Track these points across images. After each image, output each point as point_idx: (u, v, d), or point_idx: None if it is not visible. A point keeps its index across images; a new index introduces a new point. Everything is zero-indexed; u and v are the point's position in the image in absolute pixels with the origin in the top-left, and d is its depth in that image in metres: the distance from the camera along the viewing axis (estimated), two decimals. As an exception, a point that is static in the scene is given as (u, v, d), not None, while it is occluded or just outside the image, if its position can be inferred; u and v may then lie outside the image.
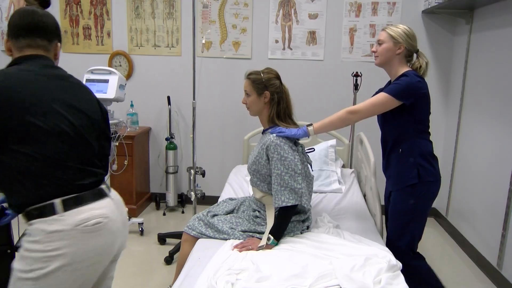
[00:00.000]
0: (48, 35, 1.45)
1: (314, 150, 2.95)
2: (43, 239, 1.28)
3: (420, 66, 2.07)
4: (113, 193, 1.52)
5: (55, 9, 3.97)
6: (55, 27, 1.49)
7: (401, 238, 2.13)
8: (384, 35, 2.07)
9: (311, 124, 2.07)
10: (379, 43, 2.09)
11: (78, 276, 1.35)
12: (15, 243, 1.61)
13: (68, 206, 1.32)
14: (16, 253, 1.36)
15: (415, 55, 2.10)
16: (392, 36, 2.04)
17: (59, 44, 1.51)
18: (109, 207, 1.43)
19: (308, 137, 2.09)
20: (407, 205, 2.08)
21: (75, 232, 1.31)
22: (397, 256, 1.84)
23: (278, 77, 2.09)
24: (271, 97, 2.05)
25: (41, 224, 1.29)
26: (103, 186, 1.45)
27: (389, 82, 2.20)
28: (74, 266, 1.33)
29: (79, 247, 1.32)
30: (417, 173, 2.03)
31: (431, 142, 2.12)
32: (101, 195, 1.42)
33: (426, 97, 2.04)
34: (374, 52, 2.12)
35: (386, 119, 2.13)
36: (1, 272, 1.59)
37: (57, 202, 1.30)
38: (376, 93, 2.29)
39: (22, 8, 1.46)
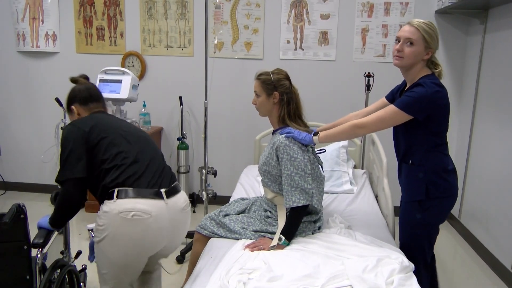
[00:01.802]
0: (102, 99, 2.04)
1: (325, 151, 2.94)
2: (100, 215, 1.72)
3: (437, 68, 1.88)
4: (174, 200, 1.80)
5: (69, 10, 4.03)
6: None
7: (412, 248, 2.03)
8: (417, 35, 1.80)
9: (317, 133, 2.02)
10: (409, 42, 1.81)
11: (116, 250, 1.71)
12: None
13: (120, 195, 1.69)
14: None
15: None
16: (426, 39, 1.80)
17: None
18: (157, 208, 1.70)
19: (314, 145, 2.05)
20: (415, 219, 1.95)
21: (119, 217, 1.66)
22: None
23: (287, 77, 2.09)
24: (280, 98, 2.05)
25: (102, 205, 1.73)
26: (162, 190, 1.75)
27: (404, 82, 2.07)
28: (116, 242, 1.69)
29: (117, 229, 1.67)
30: (425, 189, 1.88)
31: (447, 155, 1.94)
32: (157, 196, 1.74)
33: (445, 107, 1.84)
34: (399, 51, 1.84)
35: (397, 128, 2.00)
36: (19, 268, 1.63)
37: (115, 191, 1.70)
38: (391, 91, 2.17)
39: (84, 84, 2.02)
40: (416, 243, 2.01)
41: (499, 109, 3.02)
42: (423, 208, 1.93)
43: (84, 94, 1.97)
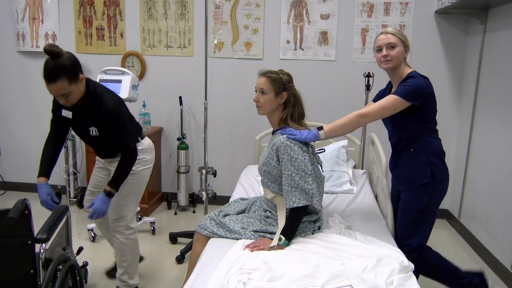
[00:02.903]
0: None
1: (325, 150, 2.94)
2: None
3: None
4: None
5: (69, 10, 4.03)
6: None
7: (413, 236, 2.15)
8: (395, 38, 2.09)
9: (321, 128, 2.06)
10: (391, 46, 2.08)
11: (149, 173, 2.48)
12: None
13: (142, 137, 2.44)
14: None
15: None
16: (402, 40, 2.09)
17: None
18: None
19: (319, 140, 2.08)
20: (421, 203, 2.11)
21: (149, 148, 2.45)
22: (408, 254, 1.85)
23: (292, 80, 2.10)
24: (287, 99, 2.05)
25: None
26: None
27: (389, 83, 2.26)
28: (150, 165, 2.48)
29: (151, 156, 2.47)
30: (430, 171, 2.07)
31: (440, 139, 2.16)
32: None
33: (433, 96, 2.08)
34: (385, 56, 2.09)
35: (396, 121, 2.14)
36: (23, 262, 1.64)
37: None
38: (377, 95, 2.36)
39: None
40: (418, 227, 2.14)
41: (499, 109, 3.02)
42: (430, 191, 2.09)
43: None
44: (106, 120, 2.11)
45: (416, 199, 2.12)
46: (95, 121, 2.15)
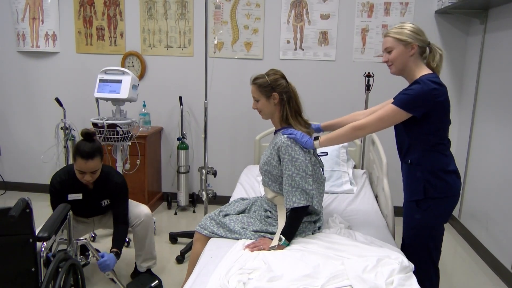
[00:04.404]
0: None
1: (327, 154, 2.94)
2: None
3: (434, 59, 1.91)
4: None
5: (69, 10, 4.03)
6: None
7: (417, 248, 2.01)
8: (390, 41, 1.89)
9: (317, 137, 2.02)
10: (388, 51, 1.91)
11: None
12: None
13: None
14: None
15: (427, 49, 1.93)
16: (399, 39, 1.87)
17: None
18: None
19: (314, 150, 2.05)
20: (415, 220, 1.97)
21: None
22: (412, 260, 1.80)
23: (283, 76, 2.08)
24: (280, 98, 2.05)
25: None
26: None
27: None
28: None
29: None
30: (423, 189, 1.89)
31: (446, 155, 1.92)
32: None
33: (443, 105, 1.84)
34: (386, 62, 1.94)
35: (398, 128, 2.02)
36: (25, 260, 1.65)
37: None
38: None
39: None
40: (420, 243, 2.00)
41: (499, 108, 3.02)
42: (422, 209, 1.93)
43: None
44: (118, 191, 2.47)
45: (410, 215, 1.99)
46: (108, 195, 2.47)
